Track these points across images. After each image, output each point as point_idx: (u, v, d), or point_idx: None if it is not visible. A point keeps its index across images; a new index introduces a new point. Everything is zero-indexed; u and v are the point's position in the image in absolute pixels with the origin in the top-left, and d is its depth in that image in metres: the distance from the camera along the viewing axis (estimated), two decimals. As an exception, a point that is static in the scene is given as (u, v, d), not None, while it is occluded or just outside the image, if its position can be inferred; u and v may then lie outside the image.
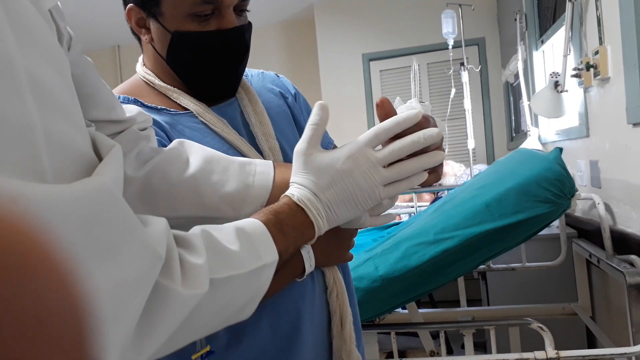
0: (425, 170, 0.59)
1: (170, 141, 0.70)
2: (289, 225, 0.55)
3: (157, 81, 0.77)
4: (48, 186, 0.29)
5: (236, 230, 0.51)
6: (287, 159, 0.78)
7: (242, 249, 0.49)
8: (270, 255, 0.52)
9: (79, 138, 0.36)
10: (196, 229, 0.49)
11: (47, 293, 0.14)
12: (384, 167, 0.57)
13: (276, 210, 0.56)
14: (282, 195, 0.59)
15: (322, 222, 0.57)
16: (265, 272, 0.51)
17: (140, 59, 0.82)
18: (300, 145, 0.60)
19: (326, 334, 0.76)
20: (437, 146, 0.60)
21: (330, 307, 0.76)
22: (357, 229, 0.72)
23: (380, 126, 0.58)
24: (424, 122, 0.58)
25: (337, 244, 0.73)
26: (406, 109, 0.62)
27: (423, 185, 0.60)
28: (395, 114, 0.59)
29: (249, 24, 0.77)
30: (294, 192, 0.58)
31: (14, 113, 0.29)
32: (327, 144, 0.91)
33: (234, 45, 0.74)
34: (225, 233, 0.50)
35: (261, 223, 0.53)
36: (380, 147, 0.59)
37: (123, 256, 0.35)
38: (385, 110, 0.59)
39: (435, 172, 0.61)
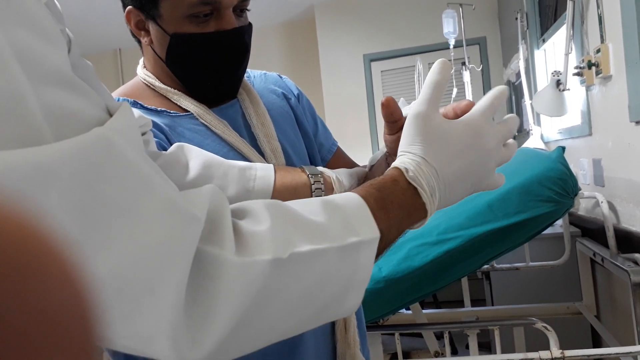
0: None
1: (170, 143, 0.69)
2: (394, 203, 0.45)
3: (157, 83, 0.77)
4: (25, 150, 0.26)
5: (323, 202, 0.43)
6: (289, 160, 0.78)
7: (330, 221, 0.41)
8: (369, 230, 0.42)
9: (88, 106, 0.33)
10: (260, 201, 0.42)
11: (52, 286, 0.14)
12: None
13: (380, 184, 0.46)
14: (391, 167, 0.48)
15: (434, 204, 0.48)
16: (364, 251, 0.42)
17: (141, 61, 0.81)
18: (419, 107, 0.49)
19: (330, 338, 0.75)
20: None
21: None
22: None
23: (490, 97, 0.51)
24: None
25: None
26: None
27: None
28: (400, 113, 0.58)
29: (249, 24, 0.76)
30: (408, 164, 0.47)
31: None
32: (331, 145, 0.90)
33: (234, 47, 0.73)
34: (308, 204, 0.43)
35: (358, 196, 0.44)
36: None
37: (141, 217, 0.30)
38: (391, 109, 0.58)
39: None
